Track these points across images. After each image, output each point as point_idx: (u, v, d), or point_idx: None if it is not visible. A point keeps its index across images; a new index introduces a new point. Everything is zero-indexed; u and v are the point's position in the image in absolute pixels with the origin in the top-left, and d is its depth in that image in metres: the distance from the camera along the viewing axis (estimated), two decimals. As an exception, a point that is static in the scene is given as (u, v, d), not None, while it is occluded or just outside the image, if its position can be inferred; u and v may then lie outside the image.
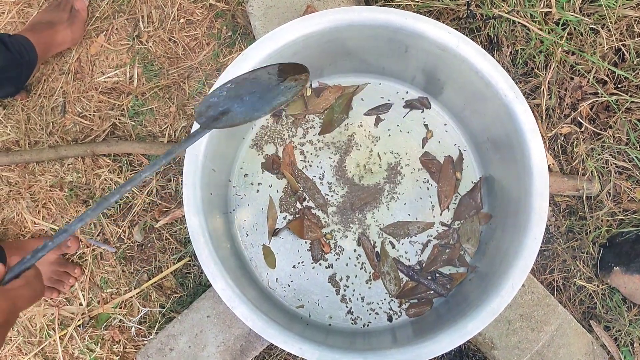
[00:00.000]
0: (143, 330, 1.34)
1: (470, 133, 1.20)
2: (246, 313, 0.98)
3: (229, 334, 1.20)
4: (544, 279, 1.31)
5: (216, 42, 1.40)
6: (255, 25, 1.27)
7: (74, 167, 1.37)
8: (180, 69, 1.39)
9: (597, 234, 1.30)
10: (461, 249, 1.17)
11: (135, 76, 1.40)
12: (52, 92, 1.40)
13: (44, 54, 1.35)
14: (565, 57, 1.28)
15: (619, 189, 1.31)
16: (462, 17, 1.31)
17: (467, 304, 1.03)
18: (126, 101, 1.38)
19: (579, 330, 1.19)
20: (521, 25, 1.28)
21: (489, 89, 1.01)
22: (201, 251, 1.00)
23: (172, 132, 1.37)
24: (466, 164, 1.21)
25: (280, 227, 1.20)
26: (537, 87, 1.31)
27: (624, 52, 1.28)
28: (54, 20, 1.36)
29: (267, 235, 1.21)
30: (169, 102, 1.38)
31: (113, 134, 1.38)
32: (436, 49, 1.03)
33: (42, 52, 1.33)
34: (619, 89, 1.29)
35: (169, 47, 1.40)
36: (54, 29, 1.35)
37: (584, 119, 1.31)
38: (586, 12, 1.26)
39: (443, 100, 1.22)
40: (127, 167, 1.36)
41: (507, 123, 1.02)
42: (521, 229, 0.98)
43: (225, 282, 1.00)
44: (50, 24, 1.35)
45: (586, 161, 1.29)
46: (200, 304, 1.22)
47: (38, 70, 1.40)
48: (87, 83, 1.40)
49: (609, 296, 1.29)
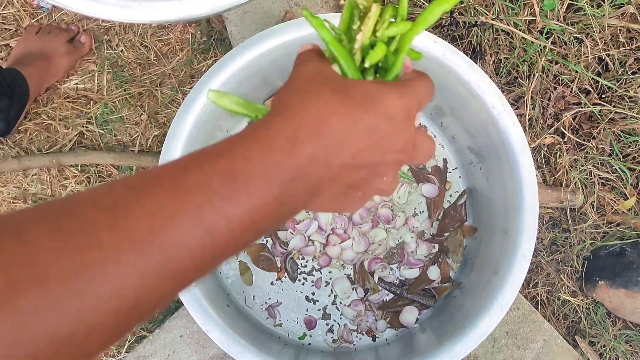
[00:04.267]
0: (112, 350, 1.28)
1: (455, 144, 1.17)
2: (222, 337, 0.93)
3: (203, 355, 1.15)
4: (527, 292, 1.28)
5: (190, 47, 1.34)
6: (231, 31, 1.22)
7: (39, 178, 1.30)
8: (152, 76, 1.33)
9: (581, 247, 1.28)
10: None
11: (105, 83, 1.33)
12: (16, 99, 1.33)
13: (37, 88, 1.25)
14: (548, 66, 1.26)
15: (603, 200, 1.29)
16: (444, 24, 1.28)
17: (453, 324, 0.99)
18: (94, 109, 1.32)
19: (564, 347, 1.17)
20: (505, 34, 1.25)
21: (475, 100, 0.98)
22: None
23: (144, 141, 1.31)
24: (450, 176, 1.18)
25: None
26: (521, 97, 1.29)
27: (608, 62, 1.26)
28: (45, 50, 1.26)
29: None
30: (140, 110, 1.32)
31: (80, 143, 1.31)
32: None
33: (35, 86, 1.23)
34: (602, 99, 1.27)
35: (141, 52, 1.34)
36: (48, 60, 1.26)
37: (567, 130, 1.28)
38: (570, 20, 1.24)
39: (426, 110, 1.18)
40: (95, 179, 1.30)
41: (494, 136, 0.99)
42: (510, 246, 0.95)
43: (200, 303, 0.94)
44: (42, 54, 1.26)
45: (570, 172, 1.27)
46: (172, 323, 1.16)
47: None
48: (52, 90, 1.32)
49: (594, 310, 1.27)
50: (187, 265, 0.30)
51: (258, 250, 1.15)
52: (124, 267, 0.27)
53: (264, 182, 0.32)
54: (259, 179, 0.32)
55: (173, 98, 1.32)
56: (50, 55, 1.26)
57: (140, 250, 0.28)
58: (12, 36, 1.33)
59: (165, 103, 1.32)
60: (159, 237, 0.29)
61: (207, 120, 0.99)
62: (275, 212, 0.34)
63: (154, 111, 1.32)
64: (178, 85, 1.33)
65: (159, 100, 1.32)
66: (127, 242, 0.28)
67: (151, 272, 0.28)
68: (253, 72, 1.00)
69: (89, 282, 0.26)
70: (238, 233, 0.32)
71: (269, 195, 0.33)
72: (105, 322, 0.27)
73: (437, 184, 1.16)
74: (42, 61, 1.25)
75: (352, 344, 1.12)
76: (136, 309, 0.29)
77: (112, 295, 0.27)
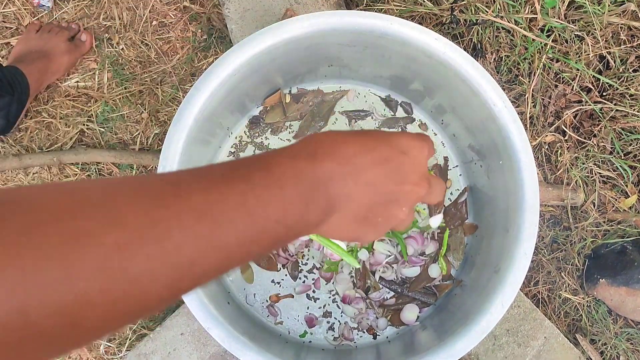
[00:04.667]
0: (112, 348, 1.28)
1: (455, 141, 1.17)
2: (222, 335, 0.93)
3: (204, 353, 1.15)
4: (528, 291, 1.28)
5: (190, 45, 1.34)
6: (232, 28, 1.22)
7: (40, 176, 1.30)
8: (153, 74, 1.33)
9: (582, 245, 1.27)
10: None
11: (105, 81, 1.33)
12: (16, 97, 1.33)
13: (38, 86, 1.25)
14: (549, 64, 1.26)
15: (604, 198, 1.29)
16: (445, 22, 1.27)
17: (454, 321, 0.99)
18: (95, 107, 1.31)
19: (565, 345, 1.16)
20: (505, 32, 1.25)
21: (476, 97, 0.98)
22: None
23: (144, 139, 1.31)
24: (451, 174, 1.18)
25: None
26: (521, 95, 1.29)
27: (609, 60, 1.26)
28: (46, 48, 1.26)
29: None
30: (140, 108, 1.32)
31: (81, 141, 1.31)
32: (422, 55, 0.99)
33: (35, 84, 1.23)
34: (603, 97, 1.27)
35: (141, 51, 1.34)
36: (48, 58, 1.26)
37: (568, 128, 1.28)
38: (571, 18, 1.24)
39: (426, 107, 1.18)
40: (96, 177, 1.29)
41: (495, 133, 0.98)
42: (511, 243, 0.95)
43: (201, 301, 0.94)
44: (43, 52, 1.26)
45: (571, 170, 1.27)
46: (173, 321, 1.16)
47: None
48: (53, 88, 1.32)
49: (595, 308, 1.27)
50: (231, 242, 0.35)
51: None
52: (184, 227, 0.33)
53: (293, 180, 0.38)
54: (289, 177, 0.38)
55: (174, 96, 1.32)
56: (50, 54, 1.26)
57: (198, 216, 0.33)
58: (13, 34, 1.33)
59: (165, 101, 1.32)
60: (211, 209, 0.34)
61: (207, 117, 0.99)
62: (301, 212, 0.39)
63: (154, 109, 1.32)
64: (179, 83, 1.32)
65: (160, 98, 1.32)
66: (187, 209, 0.33)
67: (204, 237, 0.33)
68: (253, 70, 1.00)
69: (160, 234, 0.32)
70: (273, 221, 0.37)
71: (296, 194, 0.39)
72: (167, 274, 0.32)
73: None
74: (43, 59, 1.25)
75: (352, 342, 1.12)
76: (190, 272, 0.33)
77: (174, 248, 0.32)
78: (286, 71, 1.10)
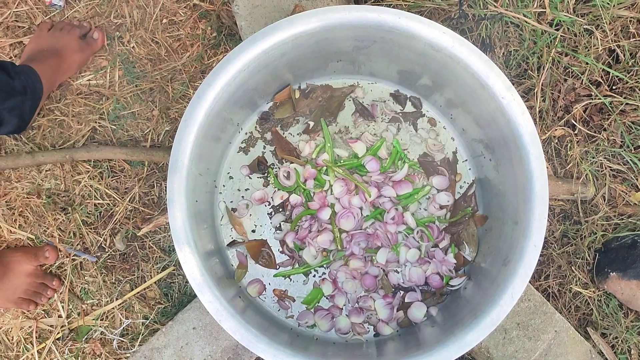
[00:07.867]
0: (125, 343, 1.29)
1: (464, 135, 1.17)
2: (234, 326, 0.94)
3: (215, 346, 1.16)
4: (539, 285, 1.28)
5: (200, 43, 1.35)
6: (241, 25, 1.22)
7: (52, 173, 1.32)
8: (163, 71, 1.34)
9: (593, 239, 1.27)
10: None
11: (116, 79, 1.34)
12: (29, 95, 1.34)
13: (51, 84, 1.26)
14: (558, 58, 1.25)
15: (614, 192, 1.28)
16: (453, 17, 1.28)
17: (464, 314, 0.99)
18: (107, 104, 1.33)
19: (576, 339, 1.16)
20: (514, 26, 1.25)
21: (485, 90, 0.98)
22: (186, 260, 0.95)
23: (155, 136, 1.32)
24: (460, 166, 1.18)
25: (239, 241, 1.16)
26: (531, 89, 1.28)
27: (619, 53, 1.26)
28: (58, 47, 1.27)
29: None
30: (151, 106, 1.33)
31: (93, 138, 1.33)
32: (430, 49, 0.99)
33: (48, 82, 1.24)
34: (613, 90, 1.27)
35: (151, 49, 1.35)
36: (60, 57, 1.26)
37: (578, 122, 1.28)
38: (580, 12, 1.24)
39: (436, 101, 1.18)
40: (108, 173, 1.31)
41: (503, 126, 0.99)
42: (520, 235, 0.95)
43: (212, 293, 0.95)
44: (55, 51, 1.27)
45: (580, 164, 1.26)
46: (185, 315, 1.17)
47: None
48: (65, 86, 1.34)
49: (605, 302, 1.26)
50: None
51: (258, 246, 1.15)
52: None
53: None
54: None
55: (184, 93, 1.33)
56: (62, 52, 1.27)
57: None
58: (25, 34, 1.35)
59: (176, 98, 1.33)
60: None
61: (218, 112, 1.00)
62: None
63: (165, 106, 1.33)
64: (189, 80, 1.34)
65: (170, 95, 1.33)
66: None
67: None
68: (262, 65, 1.01)
69: None
70: None
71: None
72: None
73: (447, 175, 1.16)
74: (55, 58, 1.26)
75: (362, 336, 1.12)
76: None
77: None
78: (295, 67, 1.11)
